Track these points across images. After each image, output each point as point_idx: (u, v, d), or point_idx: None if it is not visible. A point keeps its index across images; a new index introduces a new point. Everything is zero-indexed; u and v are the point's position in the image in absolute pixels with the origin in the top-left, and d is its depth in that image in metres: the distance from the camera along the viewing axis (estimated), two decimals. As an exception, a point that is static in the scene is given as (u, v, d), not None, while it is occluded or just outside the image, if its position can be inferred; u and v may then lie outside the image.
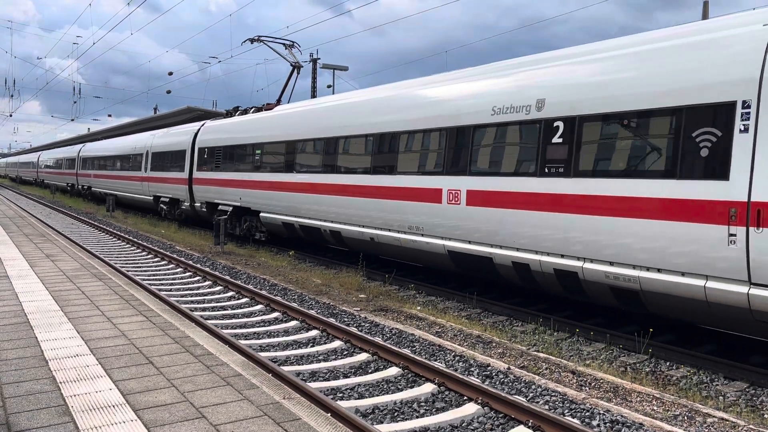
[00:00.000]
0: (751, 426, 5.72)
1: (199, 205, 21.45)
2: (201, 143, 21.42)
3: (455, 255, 10.55)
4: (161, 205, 25.38)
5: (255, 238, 18.43)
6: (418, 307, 10.61)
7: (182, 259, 14.72)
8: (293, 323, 9.22)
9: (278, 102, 19.93)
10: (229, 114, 21.75)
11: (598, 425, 5.58)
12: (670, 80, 7.36)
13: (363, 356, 7.52)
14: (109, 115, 70.55)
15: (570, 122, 8.51)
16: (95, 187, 37.17)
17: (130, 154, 29.71)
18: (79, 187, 42.32)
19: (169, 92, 45.25)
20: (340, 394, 6.34)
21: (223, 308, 10.36)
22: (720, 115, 6.80)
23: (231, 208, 18.89)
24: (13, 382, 4.50)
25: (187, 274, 13.44)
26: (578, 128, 8.36)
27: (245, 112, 20.17)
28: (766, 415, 6.15)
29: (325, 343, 8.22)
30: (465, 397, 6.17)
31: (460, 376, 6.37)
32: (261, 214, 16.93)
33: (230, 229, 19.14)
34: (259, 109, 19.25)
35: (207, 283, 12.40)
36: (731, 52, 6.85)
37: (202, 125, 22.34)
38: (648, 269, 7.48)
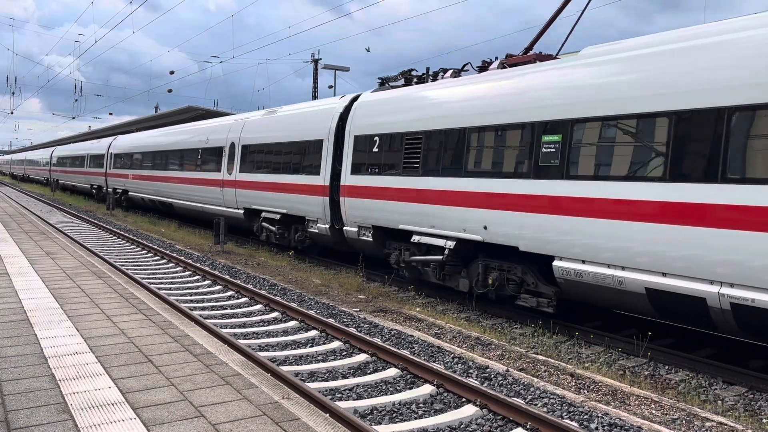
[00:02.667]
0: (749, 430, 5.73)
1: (354, 230, 13.06)
2: (360, 128, 13.01)
3: None
4: (264, 224, 16.89)
5: (537, 309, 9.35)
6: (418, 308, 10.61)
7: (182, 258, 14.72)
8: (292, 323, 9.22)
9: (530, 51, 10.57)
10: (391, 83, 13.35)
11: (597, 428, 5.58)
12: None
13: (362, 357, 7.52)
14: (110, 114, 70.58)
15: None
16: (134, 191, 28.74)
17: (198, 149, 21.27)
18: (110, 190, 33.23)
19: (170, 91, 45.28)
20: (339, 395, 6.35)
21: (223, 307, 10.36)
22: None
23: (452, 243, 10.43)
24: (13, 380, 4.51)
25: (187, 273, 13.45)
26: None
27: (457, 73, 11.56)
28: (764, 420, 6.15)
29: (324, 344, 8.23)
30: (463, 399, 6.17)
31: (459, 378, 6.38)
32: (558, 264, 8.59)
33: (443, 280, 10.97)
34: (483, 69, 11.01)
35: (206, 282, 12.40)
36: None
37: (355, 99, 13.94)
38: None
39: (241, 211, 18.12)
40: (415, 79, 12.77)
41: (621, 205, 7.77)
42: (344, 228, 13.43)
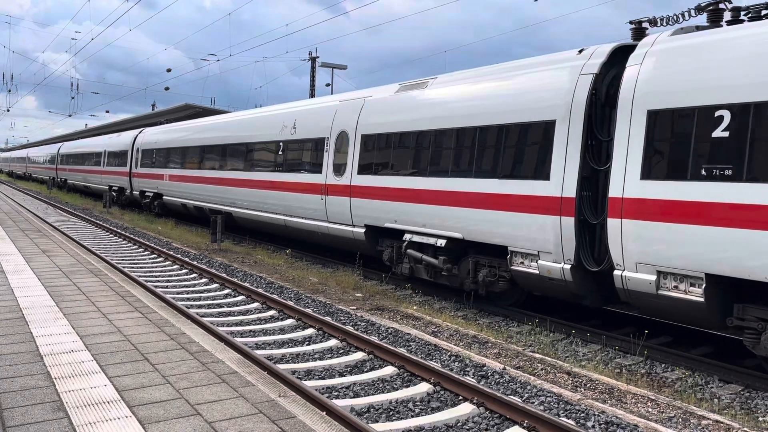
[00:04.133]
0: (745, 429, 5.74)
1: (648, 280, 7.54)
2: (668, 97, 7.39)
3: None
4: (411, 251, 11.42)
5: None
6: (415, 307, 10.61)
7: (179, 256, 14.70)
8: (289, 321, 9.21)
9: None
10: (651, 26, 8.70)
11: (593, 426, 5.58)
12: None
13: (359, 355, 7.52)
14: (107, 111, 70.44)
15: None
16: (172, 195, 23.54)
17: (277, 141, 16.16)
18: (135, 193, 28.24)
19: (167, 89, 45.16)
20: (336, 393, 6.34)
21: (219, 306, 10.34)
22: None
23: None
24: (8, 378, 4.49)
25: (184, 271, 13.42)
26: None
27: None
28: (760, 418, 6.16)
29: (321, 342, 8.22)
30: (460, 397, 6.17)
31: (456, 376, 6.37)
32: None
33: None
34: None
35: (203, 280, 12.38)
36: None
37: (622, 51, 8.67)
38: None
39: (361, 230, 12.83)
40: (736, 12, 7.59)
41: None
42: (618, 273, 7.89)
